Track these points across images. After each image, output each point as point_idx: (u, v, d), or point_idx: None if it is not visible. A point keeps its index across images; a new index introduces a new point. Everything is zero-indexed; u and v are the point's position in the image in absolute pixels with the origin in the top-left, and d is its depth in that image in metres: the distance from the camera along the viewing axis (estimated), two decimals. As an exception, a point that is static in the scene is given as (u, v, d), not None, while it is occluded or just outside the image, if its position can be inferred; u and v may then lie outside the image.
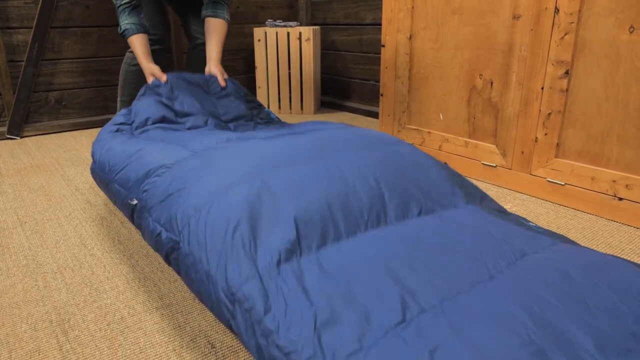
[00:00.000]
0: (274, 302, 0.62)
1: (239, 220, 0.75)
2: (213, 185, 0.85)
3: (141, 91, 1.45)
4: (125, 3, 1.54)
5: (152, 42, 1.80)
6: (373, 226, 0.79)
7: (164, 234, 0.84)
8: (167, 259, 0.85)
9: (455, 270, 0.66)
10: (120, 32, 1.57)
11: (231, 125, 1.46)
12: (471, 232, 0.77)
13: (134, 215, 0.99)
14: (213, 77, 1.58)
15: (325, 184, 0.84)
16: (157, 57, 1.81)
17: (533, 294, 0.59)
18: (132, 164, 1.07)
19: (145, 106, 1.38)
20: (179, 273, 0.83)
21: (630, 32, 1.17)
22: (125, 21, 1.55)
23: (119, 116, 1.41)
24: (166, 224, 0.85)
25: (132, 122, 1.36)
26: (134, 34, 1.55)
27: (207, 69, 1.67)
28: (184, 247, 0.78)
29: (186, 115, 1.40)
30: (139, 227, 0.98)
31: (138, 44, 1.56)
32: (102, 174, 1.14)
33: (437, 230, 0.77)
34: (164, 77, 1.48)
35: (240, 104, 1.53)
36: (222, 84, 1.56)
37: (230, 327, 0.68)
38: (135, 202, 0.97)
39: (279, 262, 0.68)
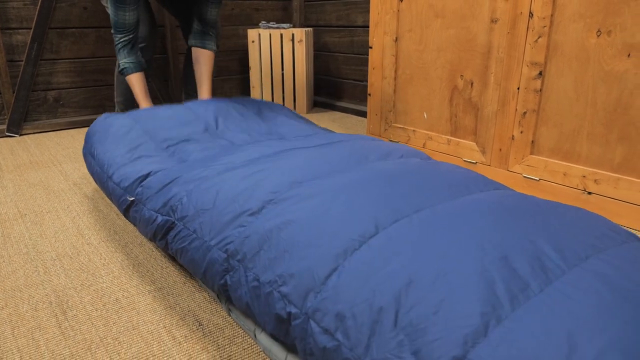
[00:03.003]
0: (261, 246, 0.71)
1: (227, 189, 0.85)
2: (204, 173, 0.94)
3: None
4: (123, 41, 1.61)
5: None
6: (354, 168, 0.89)
7: (160, 218, 0.92)
8: (164, 241, 0.93)
9: (431, 191, 0.74)
10: (119, 69, 1.64)
11: None
12: (449, 170, 0.86)
13: (130, 210, 1.07)
14: None
15: (306, 153, 0.93)
16: (142, 53, 1.88)
17: (501, 212, 0.66)
18: (129, 165, 1.14)
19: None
20: (173, 252, 0.91)
21: (598, 36, 1.25)
22: (124, 60, 1.62)
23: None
24: (161, 209, 0.93)
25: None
26: (133, 72, 1.62)
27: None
28: (179, 223, 0.87)
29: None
30: (134, 220, 1.05)
31: (136, 82, 1.62)
32: (100, 170, 1.21)
33: (418, 165, 0.86)
34: None
35: None
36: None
37: (223, 286, 0.76)
38: (132, 198, 1.05)
39: (261, 209, 0.78)
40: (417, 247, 0.60)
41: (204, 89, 1.74)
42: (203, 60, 1.74)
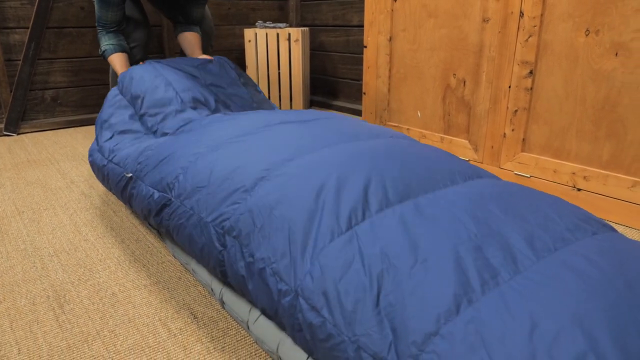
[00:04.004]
0: (255, 223, 0.74)
1: (220, 167, 0.89)
2: (197, 149, 0.97)
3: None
4: (105, 30, 1.65)
5: (127, 40, 1.89)
6: (346, 141, 0.91)
7: (157, 194, 0.96)
8: (159, 217, 0.96)
9: (417, 179, 0.77)
10: (101, 52, 1.67)
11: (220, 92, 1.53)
12: (437, 154, 0.88)
13: (128, 187, 1.11)
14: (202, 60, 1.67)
15: (296, 128, 0.97)
16: (134, 53, 1.91)
17: (479, 204, 0.69)
18: (129, 147, 1.19)
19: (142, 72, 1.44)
20: (169, 229, 0.94)
21: (586, 35, 1.27)
22: (105, 43, 1.65)
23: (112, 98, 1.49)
24: (158, 186, 0.97)
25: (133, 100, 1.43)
26: (113, 53, 1.65)
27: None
28: (175, 200, 0.91)
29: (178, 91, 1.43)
30: (130, 197, 1.10)
31: (117, 61, 1.65)
32: (101, 157, 1.25)
33: (406, 146, 0.89)
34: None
35: (225, 72, 1.62)
36: (210, 58, 1.67)
37: (220, 262, 0.79)
38: (130, 174, 1.09)
39: (254, 186, 0.81)
40: (398, 235, 0.62)
41: (197, 53, 1.79)
42: (190, 37, 1.80)
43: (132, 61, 1.95)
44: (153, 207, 0.99)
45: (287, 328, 0.67)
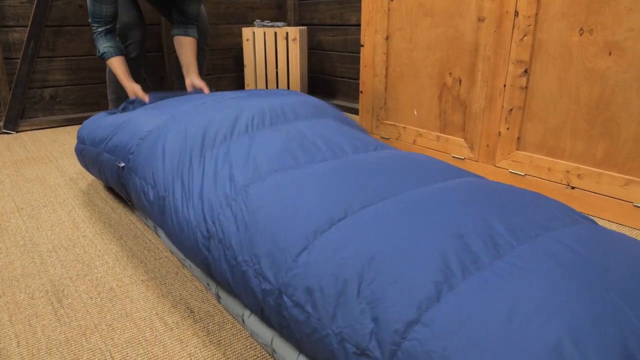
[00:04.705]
0: (239, 227, 0.76)
1: (210, 174, 0.91)
2: (187, 143, 1.00)
3: (123, 105, 1.54)
4: (100, 30, 1.66)
5: (120, 38, 1.90)
6: (330, 158, 0.93)
7: (152, 192, 0.98)
8: (155, 213, 0.99)
9: (398, 180, 0.79)
10: (99, 54, 1.68)
11: None
12: (418, 160, 0.91)
13: (121, 177, 1.12)
14: (197, 91, 1.68)
15: (284, 137, 0.98)
16: (130, 50, 1.92)
17: (460, 195, 0.71)
18: (120, 131, 1.21)
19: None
20: (162, 226, 0.96)
21: (580, 34, 1.28)
22: (103, 45, 1.67)
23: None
24: (151, 182, 0.99)
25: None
26: (112, 56, 1.67)
27: (188, 82, 1.77)
28: (169, 202, 0.92)
29: None
30: (125, 187, 1.11)
31: (117, 65, 1.67)
32: (93, 148, 1.26)
33: (388, 155, 0.91)
34: (146, 98, 1.57)
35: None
36: (203, 88, 1.68)
37: (207, 265, 0.80)
38: (122, 164, 1.10)
39: (239, 193, 0.83)
40: (380, 228, 0.64)
41: (192, 72, 1.80)
42: (187, 46, 1.80)
43: (128, 59, 1.96)
44: (150, 203, 1.01)
45: (275, 326, 0.69)
